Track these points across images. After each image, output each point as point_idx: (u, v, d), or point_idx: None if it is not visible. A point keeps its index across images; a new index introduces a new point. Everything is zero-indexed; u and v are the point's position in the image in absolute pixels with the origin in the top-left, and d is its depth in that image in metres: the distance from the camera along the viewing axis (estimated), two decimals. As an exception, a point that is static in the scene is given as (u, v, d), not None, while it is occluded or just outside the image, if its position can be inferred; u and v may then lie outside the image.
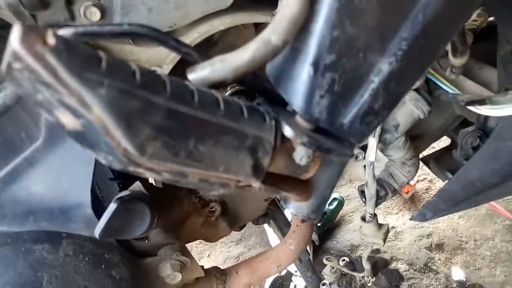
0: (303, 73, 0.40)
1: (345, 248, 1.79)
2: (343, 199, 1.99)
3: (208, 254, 1.93)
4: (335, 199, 1.95)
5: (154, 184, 0.85)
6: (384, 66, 0.41)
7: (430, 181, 2.07)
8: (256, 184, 0.41)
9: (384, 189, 0.93)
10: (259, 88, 0.45)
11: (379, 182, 0.93)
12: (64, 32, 0.37)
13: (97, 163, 0.72)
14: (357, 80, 0.41)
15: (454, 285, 1.56)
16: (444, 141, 1.41)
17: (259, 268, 0.96)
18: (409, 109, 0.80)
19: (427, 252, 1.71)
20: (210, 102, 0.35)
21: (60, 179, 0.72)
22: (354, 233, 1.84)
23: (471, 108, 0.75)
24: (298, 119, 0.42)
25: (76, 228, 0.71)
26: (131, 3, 0.66)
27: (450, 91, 0.80)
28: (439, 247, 1.74)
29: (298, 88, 0.40)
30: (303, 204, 0.48)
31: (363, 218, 0.97)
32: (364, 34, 0.40)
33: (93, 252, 0.68)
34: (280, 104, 0.45)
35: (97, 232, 0.65)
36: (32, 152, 0.69)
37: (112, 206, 0.65)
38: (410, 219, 0.90)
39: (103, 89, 0.29)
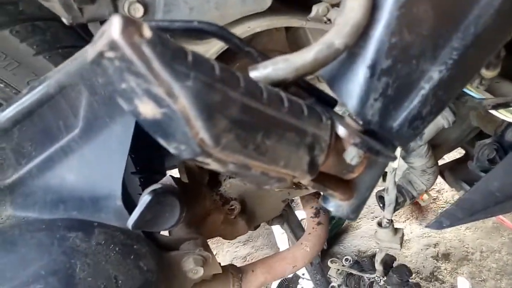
0: (360, 75, 0.41)
1: (352, 253, 1.80)
2: (351, 205, 2.00)
3: (215, 253, 1.94)
4: (343, 204, 1.96)
5: (181, 179, 0.87)
6: (435, 74, 0.43)
7: (438, 191, 2.09)
8: (307, 180, 0.42)
9: (403, 196, 0.95)
10: (309, 89, 0.47)
11: (398, 189, 0.95)
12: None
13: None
14: (409, 85, 0.43)
15: (460, 296, 1.58)
16: (453, 153, 1.43)
17: (275, 268, 0.97)
18: (435, 118, 0.81)
19: (433, 261, 1.72)
20: (276, 99, 0.36)
21: (93, 170, 0.73)
22: (361, 239, 1.86)
23: (496, 113, 0.77)
24: (349, 120, 0.44)
25: (105, 218, 0.72)
26: (174, 1, 0.68)
27: (476, 96, 0.82)
28: (446, 257, 1.75)
29: (353, 90, 0.42)
30: (344, 203, 0.50)
31: (379, 224, 0.98)
32: (419, 42, 0.42)
33: (123, 242, 0.69)
34: (326, 106, 0.46)
35: (130, 223, 0.66)
36: (69, 141, 0.70)
37: (146, 198, 0.66)
38: (426, 227, 0.92)
39: (190, 81, 0.30)
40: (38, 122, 0.68)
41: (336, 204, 0.50)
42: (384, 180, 0.96)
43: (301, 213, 1.52)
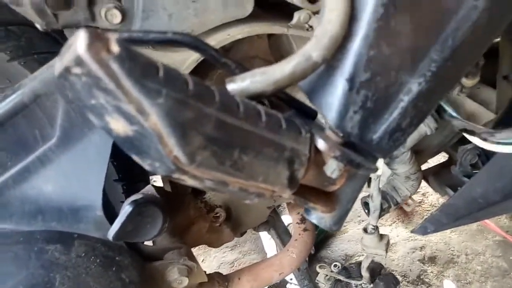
0: (339, 88, 0.41)
1: (340, 258, 1.80)
2: (338, 209, 2.01)
3: (202, 259, 1.93)
4: (330, 208, 1.97)
5: (163, 187, 0.85)
6: (414, 86, 0.43)
7: (423, 194, 2.11)
8: (287, 194, 0.42)
9: (388, 202, 0.95)
10: (288, 101, 0.46)
11: (383, 195, 0.95)
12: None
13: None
14: (388, 98, 0.43)
15: (446, 298, 1.59)
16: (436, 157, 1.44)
17: (262, 275, 0.96)
18: (418, 125, 0.82)
19: (420, 264, 1.74)
20: (254, 114, 0.36)
21: (71, 180, 0.71)
22: (348, 243, 1.86)
23: (466, 135, 0.78)
24: (329, 133, 0.43)
25: (86, 229, 0.71)
26: (153, 7, 0.67)
27: (452, 113, 0.83)
28: (432, 260, 1.77)
29: (332, 102, 0.41)
30: (326, 215, 0.49)
31: (365, 230, 0.98)
32: (398, 55, 0.41)
33: (104, 254, 0.68)
34: (307, 117, 0.46)
35: (110, 234, 0.65)
36: (45, 151, 0.69)
37: (127, 209, 0.65)
38: (412, 232, 0.92)
39: (161, 98, 0.29)
40: (12, 132, 0.66)
41: (318, 216, 0.50)
42: (368, 186, 0.97)
43: (287, 218, 1.51)
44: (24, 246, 0.63)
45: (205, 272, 0.87)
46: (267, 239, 1.81)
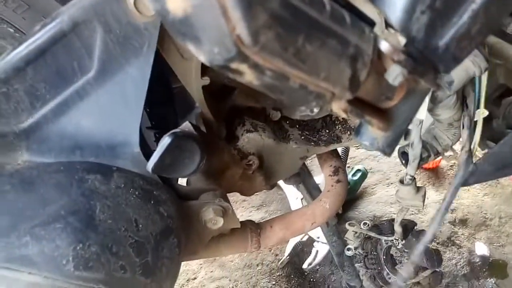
0: (406, -15, 0.37)
1: (368, 219, 1.79)
2: (366, 171, 1.98)
3: (228, 218, 1.94)
4: (358, 170, 1.94)
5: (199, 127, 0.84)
6: (487, -14, 0.39)
7: (455, 157, 2.04)
8: (345, 100, 0.39)
9: (427, 151, 0.92)
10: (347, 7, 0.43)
11: (422, 144, 0.91)
12: None
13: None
14: (459, -2, 0.39)
15: (477, 260, 1.56)
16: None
17: (294, 224, 0.96)
18: (466, 65, 0.77)
19: (450, 226, 1.71)
20: (318, 1, 0.33)
21: (109, 115, 0.71)
22: (377, 205, 1.84)
23: None
24: (391, 39, 0.40)
25: (123, 165, 0.71)
26: None
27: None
28: (463, 222, 1.74)
29: (398, 1, 0.38)
30: (378, 136, 0.47)
31: (401, 181, 0.95)
32: None
33: (143, 187, 0.67)
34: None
35: (149, 166, 0.64)
36: (83, 84, 0.68)
37: (166, 140, 0.64)
38: (451, 184, 0.88)
39: None
40: (52, 62, 0.65)
41: (371, 137, 0.47)
42: (405, 139, 0.93)
43: (317, 179, 1.49)
44: (65, 174, 0.63)
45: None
46: (294, 200, 1.81)
